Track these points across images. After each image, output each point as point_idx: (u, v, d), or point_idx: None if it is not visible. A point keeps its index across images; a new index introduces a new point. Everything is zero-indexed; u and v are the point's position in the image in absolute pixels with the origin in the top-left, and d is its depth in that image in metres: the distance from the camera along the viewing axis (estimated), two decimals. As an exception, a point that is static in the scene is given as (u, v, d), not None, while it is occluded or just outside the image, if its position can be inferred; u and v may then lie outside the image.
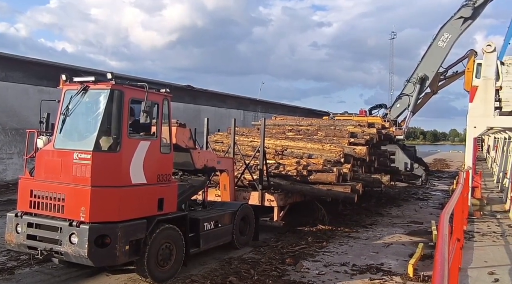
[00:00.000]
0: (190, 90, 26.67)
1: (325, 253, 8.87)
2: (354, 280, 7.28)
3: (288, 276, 7.36)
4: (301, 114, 33.62)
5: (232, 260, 8.13)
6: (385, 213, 14.00)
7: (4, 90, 17.98)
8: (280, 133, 14.92)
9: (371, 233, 11.02)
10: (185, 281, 6.88)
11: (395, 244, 9.81)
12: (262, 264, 7.94)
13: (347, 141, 12.98)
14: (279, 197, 10.66)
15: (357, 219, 12.66)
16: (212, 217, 8.32)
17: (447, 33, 24.62)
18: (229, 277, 7.08)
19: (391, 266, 8.11)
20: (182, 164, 8.47)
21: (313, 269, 7.79)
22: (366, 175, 12.95)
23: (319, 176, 10.89)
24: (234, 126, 11.35)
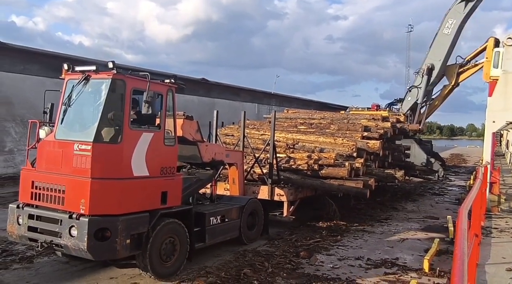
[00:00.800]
0: (204, 83, 26.71)
1: (339, 247, 8.80)
2: (369, 274, 7.19)
3: (302, 269, 7.32)
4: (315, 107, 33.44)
5: (247, 252, 8.13)
6: (400, 208, 13.78)
7: (22, 82, 18.21)
8: (292, 126, 14.59)
9: (386, 227, 10.89)
10: (200, 273, 6.88)
11: (410, 239, 9.66)
12: (276, 256, 7.91)
13: (360, 135, 12.59)
14: (289, 191, 10.37)
15: (372, 214, 12.52)
16: (218, 211, 8.08)
17: (451, 19, 23.76)
18: (244, 269, 7.06)
19: (406, 261, 7.99)
20: (190, 157, 8.28)
21: (328, 263, 7.73)
22: (380, 170, 12.58)
23: (331, 170, 10.61)
24: (244, 119, 11.06)
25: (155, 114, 6.73)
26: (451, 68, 24.85)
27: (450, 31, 23.84)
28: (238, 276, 6.78)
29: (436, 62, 24.40)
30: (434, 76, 24.53)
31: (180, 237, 6.82)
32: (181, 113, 7.70)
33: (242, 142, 10.93)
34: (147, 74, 6.31)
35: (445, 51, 24.15)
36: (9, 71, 17.89)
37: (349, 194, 11.11)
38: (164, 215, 6.57)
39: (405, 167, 15.50)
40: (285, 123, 15.18)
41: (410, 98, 25.67)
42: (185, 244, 6.92)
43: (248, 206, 8.80)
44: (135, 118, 6.36)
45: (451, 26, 23.79)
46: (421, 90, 24.85)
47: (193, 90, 25.09)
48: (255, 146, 12.03)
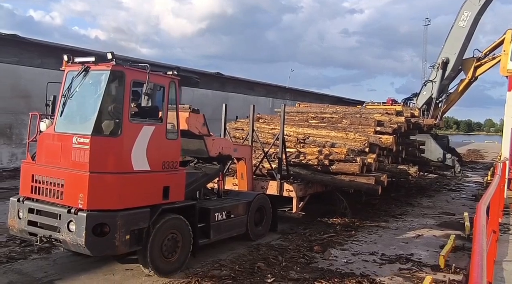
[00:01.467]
0: (219, 77, 26.72)
1: (353, 242, 8.69)
2: (383, 270, 7.06)
3: (316, 264, 7.23)
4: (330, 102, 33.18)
5: (260, 246, 8.07)
6: (416, 204, 13.50)
7: (40, 76, 18.40)
8: (303, 120, 14.17)
9: (401, 223, 10.70)
10: (214, 266, 6.84)
11: (425, 235, 9.48)
12: (290, 251, 7.83)
13: (373, 129, 12.10)
14: (299, 187, 10.03)
15: (387, 209, 12.32)
16: (224, 207, 7.81)
17: (467, 11, 23.00)
18: (257, 263, 7.00)
19: (421, 256, 7.84)
20: (196, 151, 8.06)
21: (341, 258, 7.63)
22: (393, 165, 12.16)
23: (342, 166, 10.24)
24: (253, 112, 10.70)
25: (157, 107, 6.54)
26: (468, 62, 24.00)
27: (466, 23, 23.17)
28: (251, 270, 6.72)
29: (451, 55, 23.73)
30: (449, 70, 23.85)
31: (183, 233, 6.61)
32: (187, 106, 7.52)
33: (251, 137, 10.63)
34: (147, 65, 6.06)
35: (460, 44, 23.42)
36: (28, 65, 18.13)
37: (360, 190, 10.78)
38: (166, 210, 6.38)
39: (420, 163, 15.07)
40: (296, 117, 14.84)
41: (426, 92, 25.17)
42: (188, 240, 6.70)
43: (255, 202, 8.54)
44: (136, 111, 6.18)
45: (467, 18, 23.13)
46: (436, 84, 24.22)
47: (207, 84, 25.12)
48: (265, 141, 11.75)
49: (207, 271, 6.65)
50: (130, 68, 6.06)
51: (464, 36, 23.27)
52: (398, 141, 13.08)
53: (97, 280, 6.24)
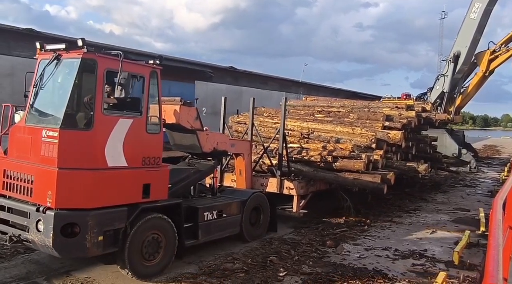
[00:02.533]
0: (232, 71, 26.71)
1: (366, 237, 8.49)
2: (396, 265, 6.83)
3: (329, 258, 7.06)
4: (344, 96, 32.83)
5: (273, 240, 7.94)
6: (430, 199, 13.09)
7: (56, 70, 18.67)
8: (308, 114, 13.32)
9: (414, 218, 10.44)
10: (227, 259, 6.73)
11: (439, 231, 9.20)
12: (302, 245, 7.69)
13: (381, 125, 11.30)
14: (300, 185, 9.38)
15: (400, 204, 12.02)
16: (215, 206, 7.28)
17: (478, 3, 22.16)
18: (270, 257, 6.87)
19: (435, 252, 7.60)
20: (189, 146, 7.62)
21: (354, 252, 7.43)
22: (401, 162, 11.29)
23: (346, 163, 9.54)
24: (252, 105, 9.96)
25: (138, 99, 6.03)
26: (482, 55, 23.00)
27: (476, 15, 22.21)
28: (264, 263, 6.59)
29: (462, 48, 22.88)
30: (460, 63, 23.00)
31: (166, 233, 6.14)
32: (178, 98, 7.05)
33: (250, 131, 9.93)
34: (120, 52, 5.54)
35: (471, 36, 22.52)
36: (44, 60, 18.32)
37: (365, 189, 9.94)
38: (147, 209, 5.91)
39: (432, 159, 14.26)
40: (302, 111, 14.06)
41: (438, 87, 24.55)
42: (173, 241, 6.23)
43: (251, 200, 7.96)
44: (114, 103, 5.73)
45: (477, 10, 22.30)
46: (448, 78, 23.44)
47: (221, 78, 25.10)
48: (267, 135, 11.18)
49: (219, 264, 6.58)
50: (103, 56, 5.58)
51: (475, 28, 22.34)
52: (409, 136, 12.44)
53: (111, 271, 6.11)
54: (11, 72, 17.40)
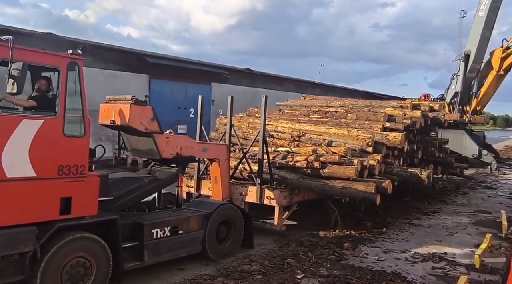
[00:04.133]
0: (248, 73, 26.80)
1: (384, 239, 8.57)
2: (415, 268, 6.93)
3: (346, 261, 7.17)
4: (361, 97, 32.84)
5: (290, 242, 8.05)
6: (450, 201, 13.17)
7: (75, 74, 19.03)
8: (303, 115, 12.53)
9: (434, 221, 10.47)
10: (244, 261, 6.91)
11: (459, 234, 9.24)
12: (319, 247, 7.80)
13: (381, 126, 10.43)
14: (282, 194, 8.46)
15: (419, 206, 12.06)
16: (167, 221, 6.32)
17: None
18: (287, 259, 7.01)
19: (455, 255, 7.65)
20: (146, 152, 6.76)
21: (372, 255, 7.54)
22: (402, 168, 10.19)
23: (335, 169, 8.58)
24: (231, 105, 8.99)
25: (54, 96, 5.17)
26: (495, 53, 22.92)
27: (484, 12, 22.33)
28: (281, 265, 6.75)
29: (472, 47, 22.91)
30: (471, 62, 22.94)
31: (95, 256, 5.24)
32: (129, 96, 6.30)
33: (228, 133, 8.94)
34: (10, 37, 4.68)
35: (479, 34, 22.48)
36: (63, 63, 18.70)
37: (355, 199, 8.69)
38: (67, 228, 5.05)
39: (442, 164, 13.48)
40: (297, 111, 13.22)
41: (453, 86, 24.48)
42: (106, 265, 5.34)
43: (217, 213, 7.00)
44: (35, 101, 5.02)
45: (485, 7, 22.33)
46: (460, 77, 23.55)
47: (237, 80, 25.24)
48: (256, 138, 10.36)
49: (237, 265, 6.72)
50: None
51: (482, 25, 22.29)
52: (415, 139, 11.75)
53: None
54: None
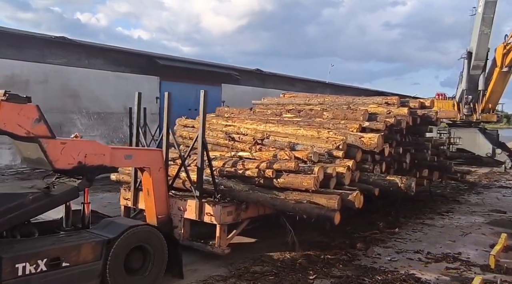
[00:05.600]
0: (258, 73, 26.84)
1: (397, 240, 8.47)
2: (429, 269, 6.84)
3: (359, 261, 7.10)
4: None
5: (302, 243, 8.04)
6: (463, 201, 13.01)
7: (87, 76, 19.18)
8: (275, 114, 11.02)
9: (447, 221, 10.34)
10: (256, 261, 6.86)
11: (474, 233, 9.11)
12: (332, 247, 7.73)
13: (358, 126, 8.86)
14: (224, 210, 6.91)
15: (432, 206, 11.91)
16: (42, 252, 4.79)
17: None
18: (299, 259, 6.97)
19: (470, 256, 7.53)
20: (37, 161, 5.37)
21: (385, 255, 7.46)
22: (380, 176, 8.56)
23: (292, 179, 7.04)
24: (169, 101, 7.58)
25: None
26: (497, 49, 22.68)
27: (481, 9, 22.14)
28: (293, 266, 6.71)
29: (474, 44, 22.82)
30: (473, 59, 22.84)
31: None
32: (1, 91, 4.89)
33: (165, 137, 7.67)
34: None
35: (477, 31, 22.40)
36: (76, 66, 18.92)
37: (310, 217, 6.82)
38: None
39: (439, 168, 11.97)
40: (270, 110, 11.64)
41: (460, 85, 24.45)
42: None
43: (124, 239, 5.39)
44: None
45: (482, 3, 22.12)
46: (464, 75, 23.48)
47: (247, 81, 25.29)
48: (215, 142, 9.56)
49: (249, 266, 6.70)
50: None
51: (480, 22, 22.14)
52: (405, 140, 10.40)
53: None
54: (45, 79, 18.09)
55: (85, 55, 19.18)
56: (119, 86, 19.74)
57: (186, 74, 22.12)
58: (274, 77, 27.88)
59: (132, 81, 20.27)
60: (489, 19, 22.14)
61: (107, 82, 19.68)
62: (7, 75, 17.06)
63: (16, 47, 17.28)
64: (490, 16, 22.12)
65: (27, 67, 17.52)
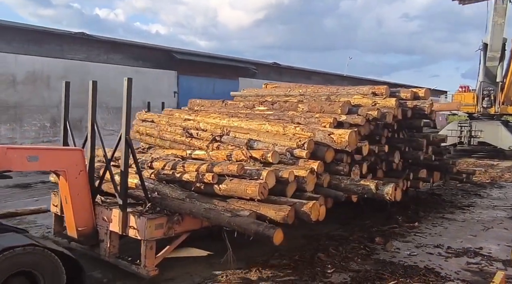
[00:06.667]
0: (276, 67, 26.76)
1: (416, 234, 8.35)
2: (449, 263, 6.71)
3: (378, 255, 7.02)
4: (391, 89, 32.25)
5: (320, 236, 7.97)
6: (485, 195, 12.75)
7: (106, 71, 19.43)
8: (246, 107, 9.65)
9: (468, 215, 10.14)
10: (274, 255, 6.86)
11: (496, 228, 8.91)
12: (350, 241, 7.68)
13: (332, 120, 7.41)
14: (151, 223, 5.58)
15: (453, 200, 11.71)
16: None
17: None
18: (317, 253, 6.93)
19: (492, 251, 7.36)
20: None
21: (404, 250, 7.37)
22: (353, 180, 6.93)
23: (235, 185, 5.85)
24: (93, 89, 6.40)
25: None
26: None
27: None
28: (311, 260, 6.67)
29: (489, 35, 22.25)
30: (488, 50, 22.26)
31: None
32: None
33: (89, 134, 6.33)
34: None
35: (490, 21, 21.82)
36: (95, 61, 19.19)
37: (248, 234, 5.33)
38: None
39: (439, 168, 10.60)
40: (243, 102, 10.21)
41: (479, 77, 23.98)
42: None
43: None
44: None
45: None
46: (481, 67, 23.02)
47: (265, 75, 25.23)
48: (173, 139, 8.59)
49: (266, 260, 6.71)
50: None
51: (492, 11, 21.55)
52: (397, 135, 9.27)
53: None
54: (65, 74, 18.36)
55: (104, 50, 19.43)
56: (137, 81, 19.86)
57: (203, 68, 22.19)
58: (291, 70, 27.76)
59: (151, 76, 20.45)
60: (501, 9, 21.55)
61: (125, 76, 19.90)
62: (29, 71, 17.41)
63: (37, 43, 17.61)
64: (503, 6, 21.53)
65: (48, 62, 17.83)
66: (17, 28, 17.61)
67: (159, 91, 20.39)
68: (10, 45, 16.99)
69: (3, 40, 16.81)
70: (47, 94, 18.26)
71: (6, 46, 16.86)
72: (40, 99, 18.05)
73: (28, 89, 17.73)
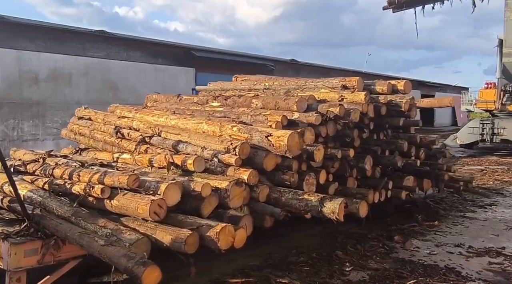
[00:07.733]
0: (294, 64, 26.66)
1: (436, 233, 8.17)
2: (470, 263, 6.53)
3: (397, 254, 6.90)
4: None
5: (338, 234, 7.90)
6: (508, 194, 12.42)
7: (126, 68, 19.68)
8: (198, 103, 8.40)
9: (490, 214, 9.88)
10: (292, 252, 6.83)
11: None
12: (369, 240, 7.55)
13: (280, 118, 6.28)
14: (17, 249, 4.13)
15: (474, 199, 11.43)
16: None
17: None
18: (335, 251, 6.86)
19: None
20: None
21: (424, 248, 7.21)
22: (295, 193, 5.42)
23: (127, 201, 4.46)
24: None
25: None
26: None
27: None
28: (329, 257, 6.61)
29: (504, 31, 21.75)
30: (504, 46, 21.76)
31: None
32: None
33: None
34: None
35: (503, 16, 21.27)
36: (115, 59, 19.45)
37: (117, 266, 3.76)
38: None
39: (429, 175, 9.06)
40: (196, 98, 9.00)
41: None
42: None
43: None
44: None
45: None
46: (497, 63, 22.57)
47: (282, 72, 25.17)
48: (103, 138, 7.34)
49: (284, 257, 6.70)
50: None
51: (505, 6, 20.98)
52: (378, 137, 8.07)
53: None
54: (86, 72, 18.67)
55: (124, 48, 19.66)
56: (156, 78, 20.13)
57: (222, 65, 22.26)
58: (308, 67, 27.64)
59: (169, 73, 20.62)
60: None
61: (145, 74, 20.12)
62: (51, 68, 17.73)
63: (58, 41, 17.92)
64: None
65: (69, 60, 18.14)
66: (40, 27, 17.98)
67: (177, 88, 20.55)
68: (33, 43, 17.36)
69: (26, 39, 17.19)
70: (68, 91, 18.60)
71: (29, 44, 17.22)
72: (62, 96, 18.40)
73: (50, 86, 18.09)
